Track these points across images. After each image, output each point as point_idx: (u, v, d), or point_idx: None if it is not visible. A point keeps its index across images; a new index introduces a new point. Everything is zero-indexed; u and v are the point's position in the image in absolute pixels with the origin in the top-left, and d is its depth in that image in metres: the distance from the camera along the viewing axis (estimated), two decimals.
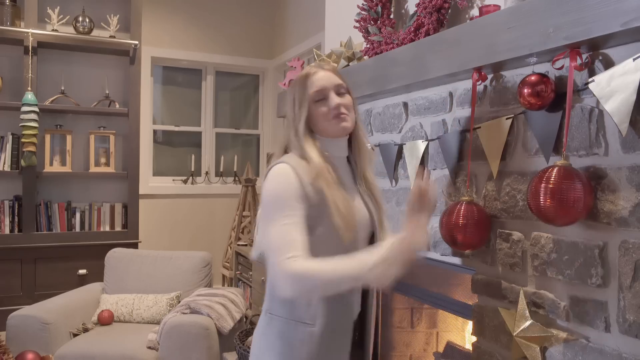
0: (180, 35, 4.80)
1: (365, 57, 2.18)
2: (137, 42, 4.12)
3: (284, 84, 2.70)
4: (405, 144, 1.90)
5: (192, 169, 4.86)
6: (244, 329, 2.52)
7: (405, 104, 1.94)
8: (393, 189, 1.98)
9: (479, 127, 1.59)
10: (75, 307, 2.94)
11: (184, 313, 2.68)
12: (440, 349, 2.27)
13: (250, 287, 3.93)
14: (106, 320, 2.92)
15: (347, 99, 1.43)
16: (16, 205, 3.90)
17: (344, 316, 1.39)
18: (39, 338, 2.58)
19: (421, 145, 1.82)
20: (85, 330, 2.82)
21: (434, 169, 1.79)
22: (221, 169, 5.00)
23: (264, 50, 5.11)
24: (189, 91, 5.01)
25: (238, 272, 4.19)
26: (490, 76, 1.57)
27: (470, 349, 2.02)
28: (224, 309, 2.76)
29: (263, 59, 5.11)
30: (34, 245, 3.83)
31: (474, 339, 1.62)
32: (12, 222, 3.88)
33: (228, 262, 4.55)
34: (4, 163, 3.89)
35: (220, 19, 4.93)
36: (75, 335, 2.77)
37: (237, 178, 4.99)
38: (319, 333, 1.34)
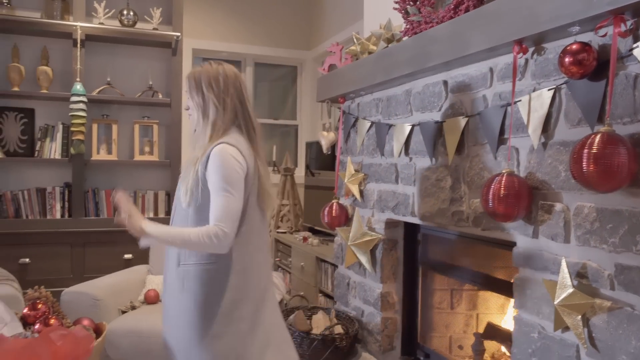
0: (220, 27, 4.90)
1: (405, 39, 2.20)
2: (179, 34, 4.23)
3: (324, 69, 2.74)
4: (445, 121, 1.91)
5: None
6: (285, 309, 2.57)
7: (445, 82, 1.95)
8: (433, 166, 2.00)
9: (520, 100, 1.59)
10: (123, 286, 3.05)
11: None
12: (481, 331, 2.27)
13: (290, 273, 3.99)
14: (152, 299, 3.02)
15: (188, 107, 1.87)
16: (66, 191, 4.07)
17: None
18: (90, 313, 2.69)
19: (461, 121, 1.83)
20: (133, 307, 2.93)
21: (474, 145, 1.80)
22: None
23: (302, 41, 5.16)
24: None
25: (277, 258, 4.26)
26: (531, 49, 1.57)
27: (511, 329, 2.02)
28: None
29: (301, 50, 5.16)
30: (83, 230, 3.99)
31: (516, 312, 1.62)
32: (62, 207, 4.05)
33: None
34: (55, 151, 4.06)
35: (259, 11, 5.00)
36: (123, 312, 2.89)
37: (276, 167, 5.06)
38: None
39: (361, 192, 2.49)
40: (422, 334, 2.35)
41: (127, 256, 4.06)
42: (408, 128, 2.10)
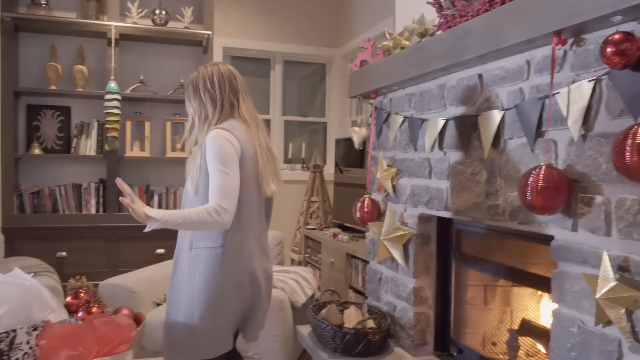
0: (250, 26, 4.94)
1: (438, 33, 2.19)
2: (209, 33, 4.29)
3: (355, 65, 2.75)
4: (480, 114, 1.90)
5: None
6: (317, 303, 2.59)
7: (480, 76, 1.94)
8: (468, 160, 1.99)
9: (558, 93, 1.57)
10: (156, 279, 3.12)
11: None
12: (515, 327, 2.25)
13: (319, 269, 4.01)
14: None
15: None
16: (101, 187, 4.17)
17: None
18: (126, 305, 2.76)
19: (497, 115, 1.82)
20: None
21: (510, 138, 1.78)
22: (289, 156, 5.11)
23: (331, 39, 5.17)
24: (258, 80, 5.15)
25: (307, 255, 4.29)
26: (570, 40, 1.55)
27: (547, 326, 2.00)
28: (297, 284, 2.85)
29: (330, 48, 5.17)
30: (117, 225, 4.08)
31: (554, 306, 1.60)
32: (97, 203, 4.15)
33: (296, 247, 4.66)
34: (90, 148, 4.16)
35: (289, 9, 5.04)
36: (158, 304, 2.95)
37: (305, 165, 5.08)
38: None
39: (394, 187, 2.49)
40: (455, 330, 2.34)
41: (159, 251, 4.14)
42: (442, 122, 2.09)
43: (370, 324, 2.41)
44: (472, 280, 2.31)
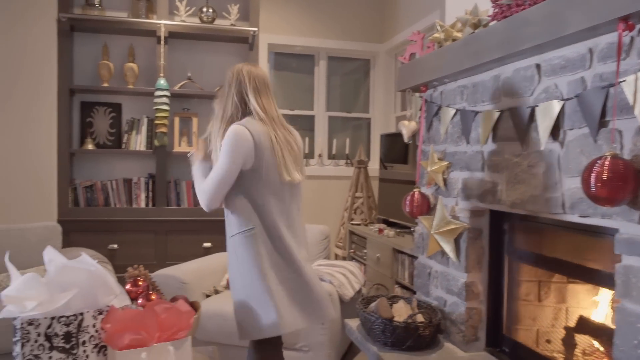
0: (295, 22, 4.97)
1: (492, 23, 2.15)
2: (255, 29, 4.34)
3: (404, 58, 2.73)
4: (537, 105, 1.85)
5: (306, 151, 5.02)
6: (365, 297, 2.59)
7: (538, 66, 1.90)
8: (525, 152, 1.95)
9: (624, 81, 1.52)
10: (205, 272, 3.18)
11: None
12: (571, 324, 2.19)
13: (365, 264, 4.01)
14: None
15: None
16: (150, 182, 4.27)
17: None
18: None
19: (556, 105, 1.77)
20: (217, 292, 3.04)
21: (570, 129, 1.74)
22: (333, 152, 5.13)
23: (375, 34, 5.15)
24: (302, 76, 5.18)
25: (352, 250, 4.29)
26: (638, 26, 1.50)
27: (606, 323, 1.94)
28: (345, 278, 2.85)
29: (374, 43, 5.15)
30: (165, 218, 4.17)
31: (617, 302, 1.56)
32: (147, 197, 4.26)
33: (341, 242, 4.67)
34: (140, 143, 4.27)
35: (333, 4, 5.04)
36: (207, 296, 3.00)
37: (349, 160, 5.08)
38: None
39: (444, 181, 2.47)
40: (508, 326, 2.30)
41: (207, 244, 4.21)
42: (496, 114, 2.05)
43: (420, 318, 2.39)
44: (525, 275, 2.27)
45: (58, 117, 4.05)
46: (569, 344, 2.11)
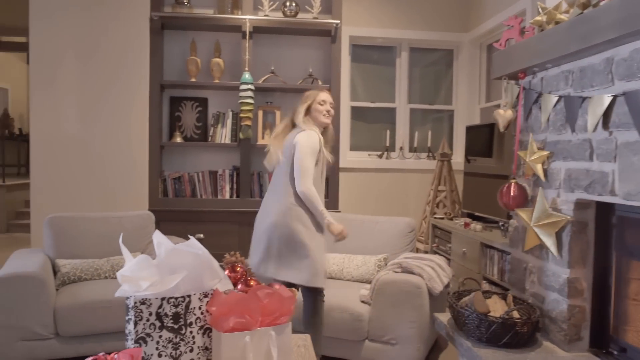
0: (376, 13, 4.92)
1: (603, 3, 2.01)
2: (338, 22, 4.33)
3: (500, 44, 2.62)
4: None
5: (387, 144, 4.97)
6: (456, 290, 2.52)
7: None
8: None
9: None
10: None
11: (395, 272, 2.77)
12: None
13: (449, 259, 3.91)
14: None
15: (333, 111, 2.89)
16: (235, 174, 4.38)
17: None
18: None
19: None
20: None
21: None
22: (415, 144, 5.04)
23: (459, 23, 5.01)
24: (383, 68, 5.12)
25: (434, 244, 4.20)
26: None
27: None
28: (434, 271, 2.79)
29: (458, 33, 5.01)
30: (249, 209, 4.25)
31: None
32: (231, 189, 4.37)
33: (422, 236, 4.58)
34: (225, 136, 4.39)
35: None
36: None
37: (430, 153, 4.98)
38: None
39: (545, 171, 2.35)
40: (615, 326, 2.16)
41: None
42: (608, 99, 1.92)
43: (516, 314, 2.30)
44: (636, 273, 2.11)
45: (150, 111, 4.23)
46: None
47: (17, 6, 7.84)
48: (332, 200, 4.36)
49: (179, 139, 4.37)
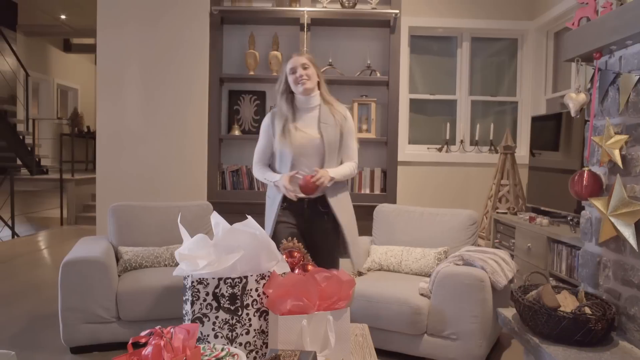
0: (435, 3, 4.79)
1: None
2: (397, 12, 4.24)
3: (573, 24, 2.47)
4: None
5: (447, 137, 4.82)
6: (522, 285, 2.39)
7: None
8: None
9: None
10: None
11: (456, 264, 2.66)
12: None
13: (513, 255, 3.74)
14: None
15: (309, 71, 2.71)
16: None
17: None
18: None
19: None
20: (360, 274, 3.00)
21: None
22: (476, 138, 4.87)
23: (523, 10, 4.79)
24: (443, 59, 4.98)
25: (497, 240, 4.03)
26: None
27: None
28: (498, 265, 2.67)
29: (522, 21, 4.79)
30: None
31: None
32: None
33: (483, 232, 4.42)
34: None
35: None
36: None
37: (493, 147, 4.79)
38: None
39: (623, 158, 2.18)
40: None
41: None
42: None
43: (588, 311, 2.14)
44: None
45: (209, 105, 4.29)
46: None
47: (86, 7, 8.20)
48: (390, 193, 4.28)
49: (237, 132, 4.41)
